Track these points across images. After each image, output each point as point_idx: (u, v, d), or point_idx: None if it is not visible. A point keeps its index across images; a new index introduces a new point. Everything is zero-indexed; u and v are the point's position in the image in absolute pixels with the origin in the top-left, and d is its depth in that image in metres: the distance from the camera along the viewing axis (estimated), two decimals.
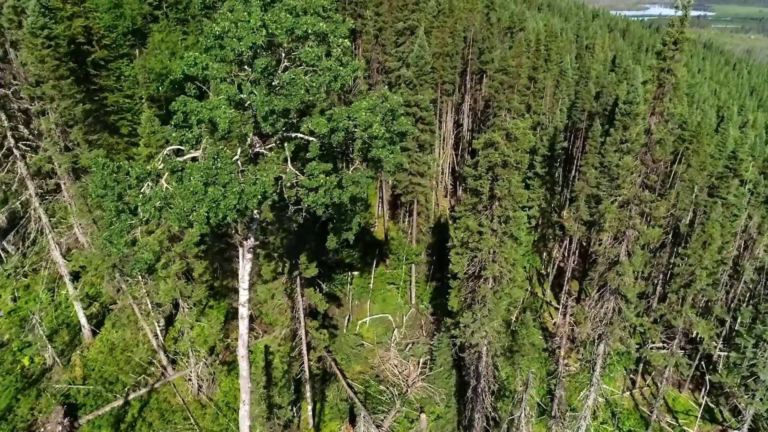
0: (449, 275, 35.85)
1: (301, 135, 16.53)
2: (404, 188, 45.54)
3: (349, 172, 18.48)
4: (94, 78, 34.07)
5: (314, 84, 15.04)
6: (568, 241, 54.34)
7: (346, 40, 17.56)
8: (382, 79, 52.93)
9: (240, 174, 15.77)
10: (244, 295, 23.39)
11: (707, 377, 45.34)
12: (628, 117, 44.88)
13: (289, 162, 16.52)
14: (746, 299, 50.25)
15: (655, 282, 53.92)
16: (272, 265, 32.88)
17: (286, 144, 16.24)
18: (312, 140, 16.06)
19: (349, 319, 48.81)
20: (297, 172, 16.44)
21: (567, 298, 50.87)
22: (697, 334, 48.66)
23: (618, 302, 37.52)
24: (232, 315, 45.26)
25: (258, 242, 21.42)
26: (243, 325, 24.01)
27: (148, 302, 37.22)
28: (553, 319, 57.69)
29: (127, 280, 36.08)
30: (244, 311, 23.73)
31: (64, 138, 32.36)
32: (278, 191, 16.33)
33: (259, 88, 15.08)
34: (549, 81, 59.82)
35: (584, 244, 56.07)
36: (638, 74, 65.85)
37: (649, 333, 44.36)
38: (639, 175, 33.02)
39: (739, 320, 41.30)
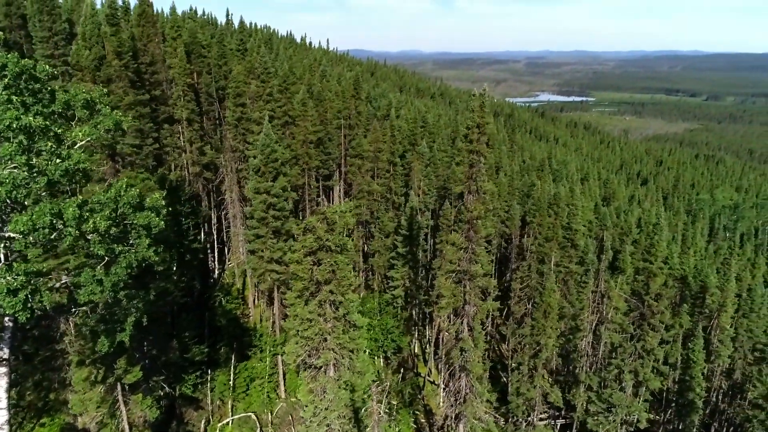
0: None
1: (10, 234, 15.24)
2: (260, 276, 44.17)
3: (97, 269, 17.10)
4: None
5: (6, 180, 14.06)
6: (441, 319, 54.47)
7: (80, 132, 16.87)
8: (245, 167, 52.82)
9: None
10: (1, 416, 20.46)
11: None
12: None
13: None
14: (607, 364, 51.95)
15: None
16: (84, 373, 29.70)
17: None
18: (17, 238, 14.82)
19: (208, 423, 44.82)
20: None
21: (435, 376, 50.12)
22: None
23: (469, 379, 37.27)
24: None
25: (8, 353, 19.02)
26: None
27: None
28: (437, 398, 56.50)
29: None
30: None
31: None
32: None
33: None
34: (416, 164, 62.45)
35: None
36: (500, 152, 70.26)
37: (512, 407, 44.23)
38: (466, 251, 34.03)
39: (588, 387, 42.20)
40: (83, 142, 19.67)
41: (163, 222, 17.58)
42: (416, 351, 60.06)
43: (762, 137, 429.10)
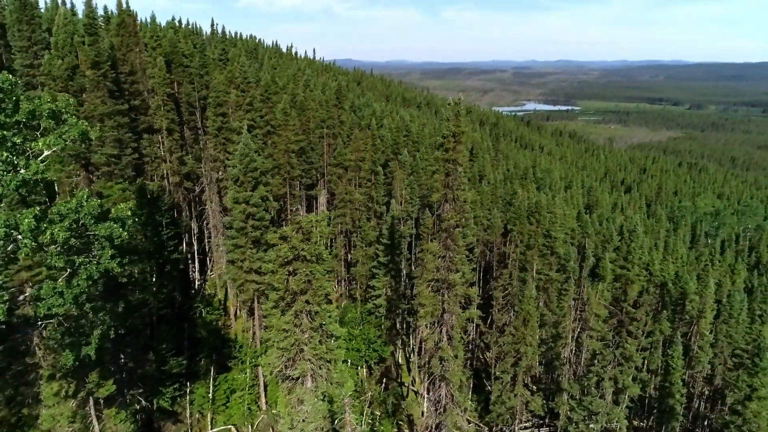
0: None
1: None
2: (239, 286, 43.77)
3: (59, 281, 16.80)
4: None
5: None
6: (422, 328, 54.29)
7: (43, 142, 16.66)
8: (226, 177, 52.53)
9: None
10: None
11: None
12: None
13: None
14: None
15: None
16: (54, 387, 29.10)
17: None
18: None
19: None
20: None
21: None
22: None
23: (449, 388, 37.11)
24: None
25: None
26: None
27: None
28: (420, 407, 56.18)
29: None
30: None
31: None
32: None
33: None
34: (398, 173, 62.49)
35: None
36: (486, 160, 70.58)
37: (493, 415, 44.10)
38: (444, 260, 34.00)
39: (569, 394, 42.23)
40: (48, 153, 19.42)
41: (126, 233, 17.33)
42: (400, 360, 59.77)
43: (744, 145, 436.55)
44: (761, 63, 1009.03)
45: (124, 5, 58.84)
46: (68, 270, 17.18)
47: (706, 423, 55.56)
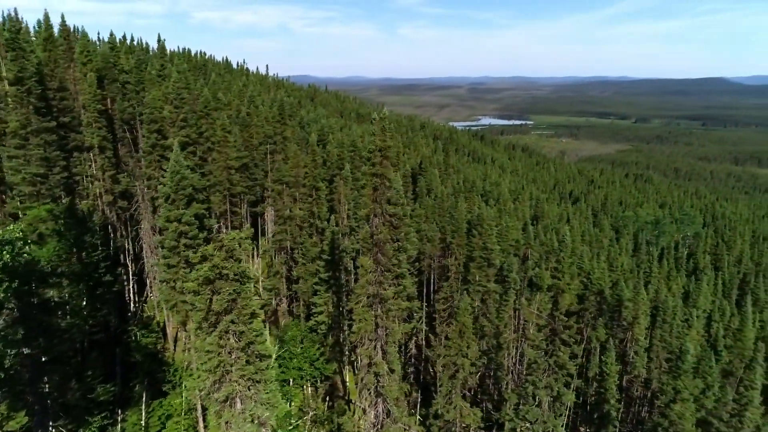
0: None
1: None
2: (172, 307, 42.38)
3: None
4: None
5: None
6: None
7: None
8: (161, 195, 51.08)
9: None
10: None
11: None
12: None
13: None
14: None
15: None
16: None
17: None
18: None
19: None
20: None
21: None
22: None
23: (386, 404, 36.81)
24: None
25: None
26: None
27: None
28: (366, 423, 55.48)
29: None
30: None
31: None
32: None
33: None
34: (342, 188, 62.36)
35: None
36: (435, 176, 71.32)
37: (433, 429, 43.99)
38: (375, 274, 33.91)
39: (507, 405, 42.58)
40: None
41: (10, 255, 16.42)
42: (347, 377, 59.08)
43: (686, 157, 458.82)
44: (701, 79, 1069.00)
45: (58, 21, 57.12)
46: None
47: (645, 427, 57.10)
